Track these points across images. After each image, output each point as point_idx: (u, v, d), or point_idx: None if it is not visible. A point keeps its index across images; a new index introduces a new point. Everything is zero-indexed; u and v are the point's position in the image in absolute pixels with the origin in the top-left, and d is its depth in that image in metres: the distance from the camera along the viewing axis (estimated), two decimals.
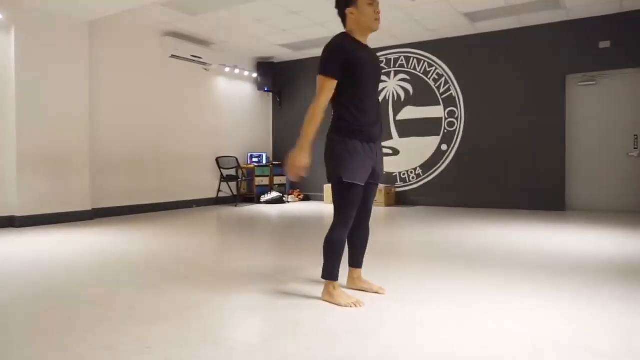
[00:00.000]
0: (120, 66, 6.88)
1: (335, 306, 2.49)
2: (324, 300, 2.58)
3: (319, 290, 2.70)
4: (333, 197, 2.56)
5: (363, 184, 2.53)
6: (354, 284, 2.81)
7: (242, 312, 2.44)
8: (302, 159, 2.42)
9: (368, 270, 3.21)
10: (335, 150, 2.52)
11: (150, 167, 7.31)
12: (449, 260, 3.67)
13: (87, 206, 6.31)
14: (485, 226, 5.53)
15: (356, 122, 2.49)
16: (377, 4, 2.50)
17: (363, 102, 2.49)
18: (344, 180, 2.47)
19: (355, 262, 2.80)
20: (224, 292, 2.79)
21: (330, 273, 2.56)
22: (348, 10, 2.49)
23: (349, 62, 2.42)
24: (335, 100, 2.53)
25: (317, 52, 8.82)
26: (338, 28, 2.62)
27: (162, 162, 7.53)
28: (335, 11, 2.60)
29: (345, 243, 2.59)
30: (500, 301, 2.58)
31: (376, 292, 2.73)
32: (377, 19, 2.51)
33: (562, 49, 6.93)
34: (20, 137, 5.63)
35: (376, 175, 2.63)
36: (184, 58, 7.60)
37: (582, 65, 6.84)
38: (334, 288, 2.56)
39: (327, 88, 2.43)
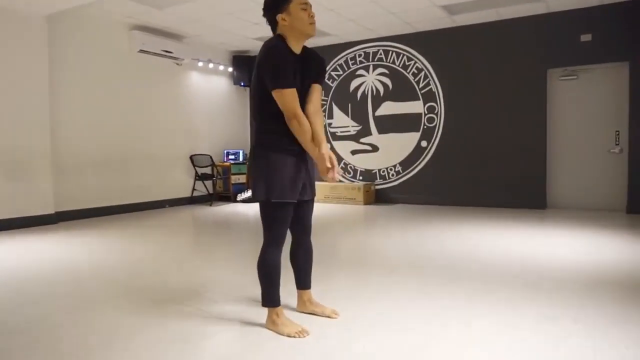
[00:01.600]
0: (85, 62, 6.57)
1: (279, 335, 2.28)
2: (267, 328, 2.37)
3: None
4: (261, 216, 2.34)
5: (294, 201, 2.31)
6: (305, 307, 2.60)
7: (173, 345, 2.22)
8: (327, 158, 2.21)
9: (325, 286, 3.01)
10: (260, 165, 2.29)
11: (119, 167, 7.03)
12: (416, 271, 3.47)
13: (49, 210, 6.03)
14: (463, 227, 5.35)
15: (285, 135, 2.27)
16: (310, 6, 2.27)
17: None
18: (272, 201, 2.25)
19: (302, 283, 2.58)
20: (163, 316, 2.57)
21: (269, 299, 2.35)
22: (279, 17, 2.25)
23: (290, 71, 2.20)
24: (261, 110, 2.30)
25: None
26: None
27: (132, 162, 7.25)
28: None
29: (280, 265, 2.37)
30: (459, 327, 2.38)
31: (328, 317, 2.53)
32: (312, 23, 2.27)
33: (542, 43, 6.72)
34: None
35: (308, 192, 2.41)
36: (154, 53, 7.29)
37: (563, 59, 6.64)
38: (277, 315, 2.35)
39: (292, 98, 2.20)
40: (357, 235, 5.12)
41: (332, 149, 8.59)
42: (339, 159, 8.52)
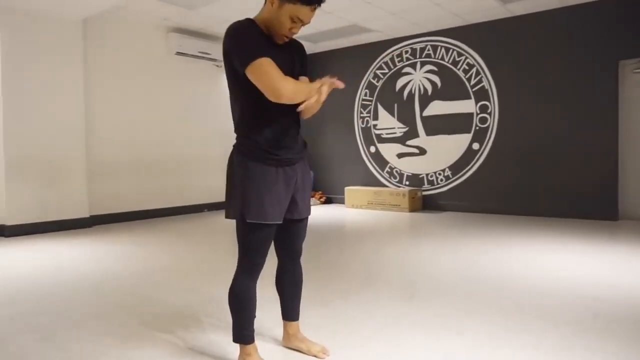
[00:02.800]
0: (121, 65, 6.55)
1: None
2: None
3: (260, 345, 2.10)
4: (236, 235, 1.95)
5: (277, 222, 1.90)
6: (289, 342, 2.20)
7: None
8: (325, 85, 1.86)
9: (330, 310, 2.59)
10: (235, 176, 1.90)
11: (155, 170, 6.96)
12: (442, 298, 2.97)
13: (84, 213, 6.03)
14: (518, 240, 4.71)
15: (263, 141, 1.87)
16: (300, 25, 1.86)
17: (270, 113, 1.87)
18: (247, 221, 1.86)
19: (288, 313, 2.18)
20: (144, 342, 2.26)
21: (238, 335, 1.97)
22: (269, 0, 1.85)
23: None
24: (238, 109, 1.93)
25: (335, 44, 8.19)
26: (352, 17, 1.98)
27: (169, 165, 7.17)
28: None
29: (254, 297, 1.98)
30: None
31: (315, 356, 2.11)
32: (287, 36, 1.88)
33: (613, 31, 5.89)
34: (7, 142, 5.39)
35: (299, 210, 2.00)
36: (191, 55, 7.17)
37: (637, 49, 5.78)
38: (249, 354, 1.97)
39: (270, 67, 1.77)
40: (393, 246, 4.63)
41: (377, 151, 8.11)
42: (384, 162, 8.02)
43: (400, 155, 7.86)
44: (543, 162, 6.45)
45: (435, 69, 7.40)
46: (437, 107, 7.42)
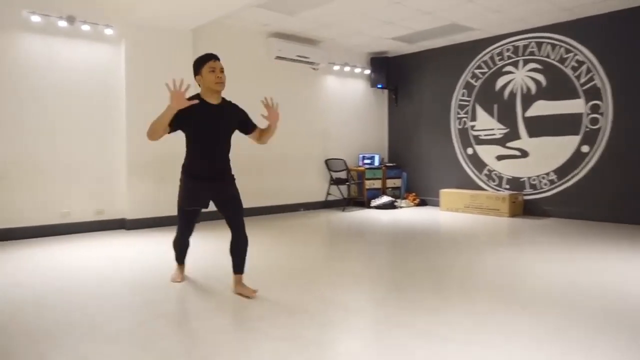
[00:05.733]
0: (225, 71, 6.92)
1: None
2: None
3: None
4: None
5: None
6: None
7: None
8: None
9: (436, 321, 2.58)
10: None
11: (255, 170, 7.28)
12: (557, 311, 2.83)
13: None
14: (633, 254, 4.36)
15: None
16: (220, 69, 3.17)
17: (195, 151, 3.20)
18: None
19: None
20: (257, 335, 2.41)
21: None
22: (196, 78, 3.21)
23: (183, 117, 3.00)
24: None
25: (431, 43, 8.05)
26: (449, 16, 2.08)
27: (268, 165, 7.47)
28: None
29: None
30: None
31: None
32: (218, 83, 3.13)
33: None
34: (129, 145, 5.94)
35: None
36: (290, 59, 7.42)
37: None
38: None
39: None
40: (495, 253, 4.49)
41: (475, 153, 7.87)
42: (482, 164, 7.77)
43: (500, 158, 7.56)
44: None
45: (539, 67, 7.02)
46: (542, 108, 7.04)
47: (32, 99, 5.38)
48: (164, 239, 5.21)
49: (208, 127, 3.03)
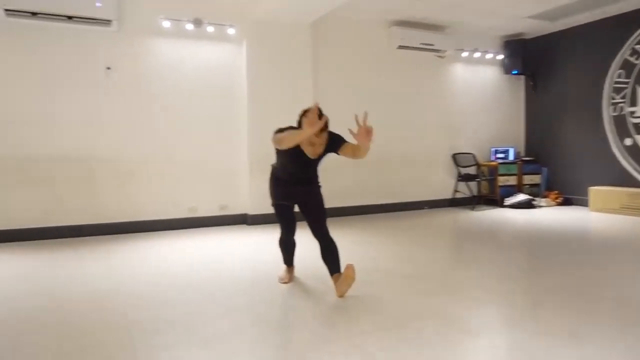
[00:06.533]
0: (346, 64, 6.74)
1: None
2: None
3: None
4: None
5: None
6: None
7: None
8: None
9: (583, 356, 2.05)
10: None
11: (376, 165, 6.97)
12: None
13: None
14: None
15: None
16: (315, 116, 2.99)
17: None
18: None
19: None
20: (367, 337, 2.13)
21: None
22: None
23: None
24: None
25: (576, 20, 7.02)
26: None
27: (389, 161, 7.12)
28: None
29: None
30: None
31: None
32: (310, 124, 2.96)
33: None
34: (251, 140, 6.02)
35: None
36: (413, 47, 6.97)
37: None
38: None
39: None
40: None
41: (635, 144, 6.66)
42: None
43: None
44: None
45: None
46: None
47: (161, 100, 5.71)
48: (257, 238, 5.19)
49: (302, 155, 3.20)
